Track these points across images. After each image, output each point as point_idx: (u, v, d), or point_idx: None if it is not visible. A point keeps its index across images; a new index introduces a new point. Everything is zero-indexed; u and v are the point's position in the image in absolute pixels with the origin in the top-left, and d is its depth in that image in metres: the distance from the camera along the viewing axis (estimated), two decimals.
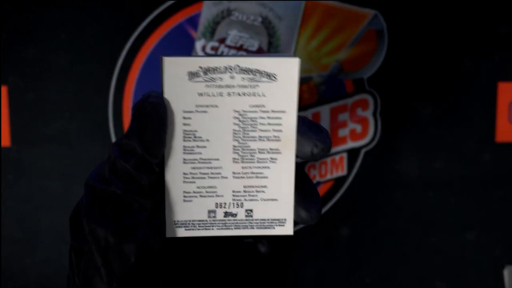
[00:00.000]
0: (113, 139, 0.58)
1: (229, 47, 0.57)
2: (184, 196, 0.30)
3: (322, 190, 0.60)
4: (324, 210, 0.60)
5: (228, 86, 0.29)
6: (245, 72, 0.29)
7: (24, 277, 0.59)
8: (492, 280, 0.62)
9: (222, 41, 0.57)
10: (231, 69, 0.29)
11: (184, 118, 0.29)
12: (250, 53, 0.57)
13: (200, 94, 0.29)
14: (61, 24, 0.57)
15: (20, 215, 0.59)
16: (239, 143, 0.29)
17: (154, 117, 0.28)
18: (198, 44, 0.57)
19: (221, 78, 0.29)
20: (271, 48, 0.58)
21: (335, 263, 0.61)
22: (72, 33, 0.57)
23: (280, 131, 0.29)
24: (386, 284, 0.62)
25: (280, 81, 0.28)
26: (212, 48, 0.57)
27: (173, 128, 0.29)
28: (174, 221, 0.30)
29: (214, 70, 0.29)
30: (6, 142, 0.58)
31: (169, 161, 0.29)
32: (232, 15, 0.57)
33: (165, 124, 0.28)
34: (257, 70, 0.29)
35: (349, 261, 0.61)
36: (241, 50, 0.57)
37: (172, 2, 0.57)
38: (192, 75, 0.29)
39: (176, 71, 0.29)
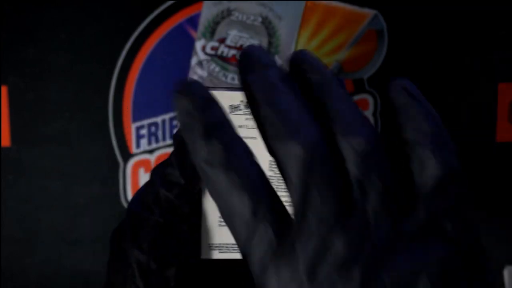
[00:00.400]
0: (113, 139, 0.58)
1: (229, 47, 0.57)
2: (220, 221, 0.31)
3: None
4: None
5: None
6: None
7: (24, 277, 0.59)
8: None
9: (222, 41, 0.57)
10: None
11: None
12: None
13: (240, 126, 0.31)
14: (61, 24, 0.57)
15: (20, 215, 0.59)
16: (274, 173, 0.31)
17: None
18: (198, 44, 0.57)
19: None
20: (271, 48, 0.58)
21: None
22: (72, 33, 0.57)
23: None
24: None
25: None
26: (212, 48, 0.57)
27: None
28: (209, 244, 0.32)
29: None
30: (6, 142, 0.58)
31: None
32: (232, 15, 0.57)
33: None
34: None
35: None
36: (241, 50, 0.57)
37: (172, 2, 0.57)
38: (233, 108, 0.31)
39: None
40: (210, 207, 0.31)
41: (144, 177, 0.59)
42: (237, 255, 0.32)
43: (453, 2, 0.58)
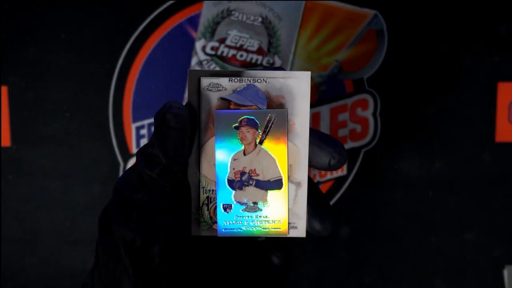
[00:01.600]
0: (113, 139, 0.58)
1: (229, 47, 0.57)
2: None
3: (322, 190, 0.60)
4: None
5: None
6: None
7: (24, 277, 0.59)
8: (492, 280, 0.62)
9: (222, 41, 0.57)
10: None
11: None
12: (249, 53, 0.57)
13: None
14: (61, 24, 0.57)
15: (20, 215, 0.59)
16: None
17: (177, 129, 0.30)
18: (198, 44, 0.57)
19: None
20: (271, 48, 0.58)
21: (335, 263, 0.61)
22: (72, 33, 0.57)
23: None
24: (386, 284, 0.62)
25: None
26: (212, 48, 0.57)
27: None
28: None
29: None
30: (6, 142, 0.58)
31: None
32: (232, 15, 0.57)
33: (186, 135, 0.30)
34: None
35: (349, 260, 0.61)
36: (241, 50, 0.57)
37: (172, 2, 0.57)
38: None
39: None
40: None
41: None
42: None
43: (453, 2, 0.58)
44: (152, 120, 0.58)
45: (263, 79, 0.31)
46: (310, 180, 0.32)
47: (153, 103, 0.58)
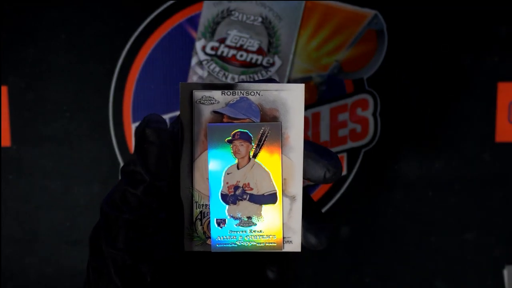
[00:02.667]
0: (113, 139, 0.58)
1: (229, 47, 0.57)
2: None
3: (322, 190, 0.60)
4: (324, 210, 0.60)
5: None
6: None
7: (24, 277, 0.59)
8: (492, 280, 0.62)
9: (222, 41, 0.57)
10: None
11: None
12: (249, 53, 0.57)
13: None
14: (61, 24, 0.57)
15: (20, 215, 0.59)
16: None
17: (157, 144, 0.29)
18: (198, 44, 0.57)
19: None
20: (271, 48, 0.58)
21: (335, 263, 0.61)
22: (72, 33, 0.57)
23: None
24: (386, 284, 0.62)
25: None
26: (212, 48, 0.57)
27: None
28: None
29: None
30: (6, 142, 0.58)
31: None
32: (232, 15, 0.57)
33: (168, 149, 0.30)
34: None
35: (349, 261, 0.61)
36: (241, 50, 0.57)
37: (172, 2, 0.57)
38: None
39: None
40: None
41: None
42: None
43: (453, 2, 0.58)
44: None
45: (256, 92, 0.31)
46: (305, 194, 0.32)
47: (153, 103, 0.58)
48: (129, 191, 0.29)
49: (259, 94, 0.31)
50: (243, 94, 0.31)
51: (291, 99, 0.30)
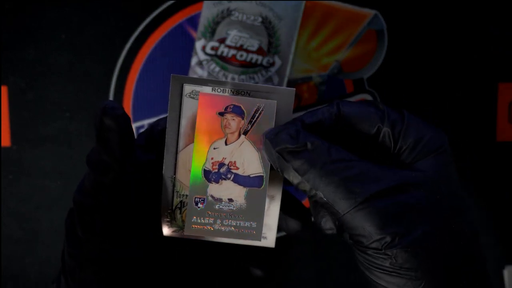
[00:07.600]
0: None
1: (229, 47, 0.57)
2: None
3: None
4: None
5: None
6: None
7: (24, 277, 0.59)
8: (492, 280, 0.61)
9: (222, 41, 0.57)
10: None
11: None
12: (249, 53, 0.57)
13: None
14: (61, 24, 0.57)
15: (20, 215, 0.59)
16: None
17: (116, 130, 0.30)
18: (198, 44, 0.57)
19: None
20: (271, 48, 0.58)
21: (335, 263, 0.61)
22: (72, 33, 0.57)
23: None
24: None
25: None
26: (212, 48, 0.57)
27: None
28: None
29: None
30: (6, 142, 0.58)
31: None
32: (232, 15, 0.57)
33: (130, 133, 0.31)
34: None
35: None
36: (241, 50, 0.57)
37: (172, 2, 0.57)
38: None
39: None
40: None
41: None
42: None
43: (453, 2, 0.58)
44: (152, 120, 0.58)
45: (246, 92, 0.30)
46: (284, 192, 0.31)
47: (153, 103, 0.58)
48: (99, 180, 0.30)
49: (249, 95, 0.30)
50: (232, 93, 0.30)
51: (280, 102, 0.30)
